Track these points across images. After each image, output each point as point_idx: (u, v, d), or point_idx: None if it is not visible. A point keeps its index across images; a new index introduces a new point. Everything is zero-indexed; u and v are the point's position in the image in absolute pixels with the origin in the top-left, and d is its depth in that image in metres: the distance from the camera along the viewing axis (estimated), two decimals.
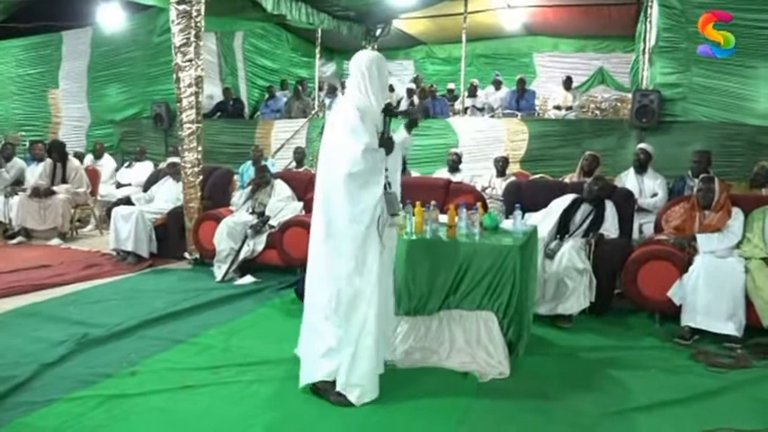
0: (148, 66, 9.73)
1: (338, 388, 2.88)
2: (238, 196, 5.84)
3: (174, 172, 6.26)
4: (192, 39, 5.59)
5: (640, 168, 5.85)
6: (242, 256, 5.28)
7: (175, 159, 6.33)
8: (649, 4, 7.32)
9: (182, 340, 3.70)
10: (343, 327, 2.87)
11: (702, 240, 4.07)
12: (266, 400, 2.92)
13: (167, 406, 2.83)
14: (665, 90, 6.92)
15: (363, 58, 2.99)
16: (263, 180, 5.77)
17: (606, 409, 2.85)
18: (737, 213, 4.14)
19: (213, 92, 10.51)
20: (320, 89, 11.08)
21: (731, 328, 3.70)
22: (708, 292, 3.76)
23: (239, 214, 5.59)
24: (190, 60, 5.62)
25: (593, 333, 3.98)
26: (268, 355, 3.46)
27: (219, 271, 5.27)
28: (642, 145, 6.16)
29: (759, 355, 3.55)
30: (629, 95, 8.05)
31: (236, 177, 7.14)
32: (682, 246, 4.15)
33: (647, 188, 5.77)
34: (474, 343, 3.37)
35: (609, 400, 2.93)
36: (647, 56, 7.49)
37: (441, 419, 2.74)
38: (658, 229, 4.67)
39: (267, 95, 11.12)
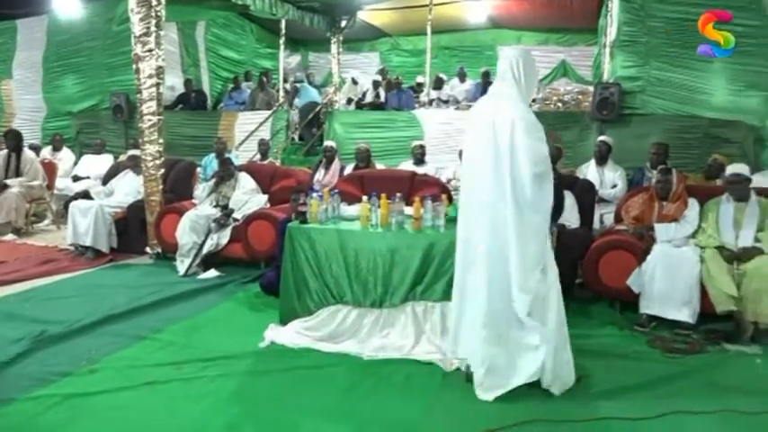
0: (107, 56, 9.47)
1: (544, 385, 2.87)
2: (201, 189, 5.75)
3: (135, 165, 6.13)
4: (153, 28, 5.47)
5: (601, 160, 5.98)
6: (205, 249, 5.21)
7: (136, 152, 6.19)
8: None
9: (144, 336, 3.64)
10: (539, 327, 2.84)
11: (660, 230, 4.18)
12: (230, 394, 2.89)
13: (128, 403, 2.78)
14: (625, 83, 7.05)
15: (518, 54, 2.94)
16: (226, 173, 5.70)
17: (569, 395, 2.90)
18: (693, 204, 4.26)
19: (174, 83, 10.33)
20: (285, 80, 10.97)
21: (686, 314, 3.81)
22: (664, 281, 3.86)
23: (202, 207, 5.51)
24: (150, 50, 5.50)
25: None
26: (232, 349, 3.43)
27: (182, 265, 5.18)
28: (603, 137, 6.30)
29: (712, 341, 3.67)
30: (591, 88, 8.18)
31: (198, 170, 7.03)
32: (640, 235, 4.25)
33: (608, 179, 5.90)
34: (439, 334, 3.40)
35: (572, 386, 2.98)
36: (608, 49, 7.63)
37: (407, 409, 2.76)
38: (618, 219, 4.78)
39: (232, 86, 10.97)
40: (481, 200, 2.89)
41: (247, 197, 5.54)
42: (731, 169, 4.23)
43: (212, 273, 5.15)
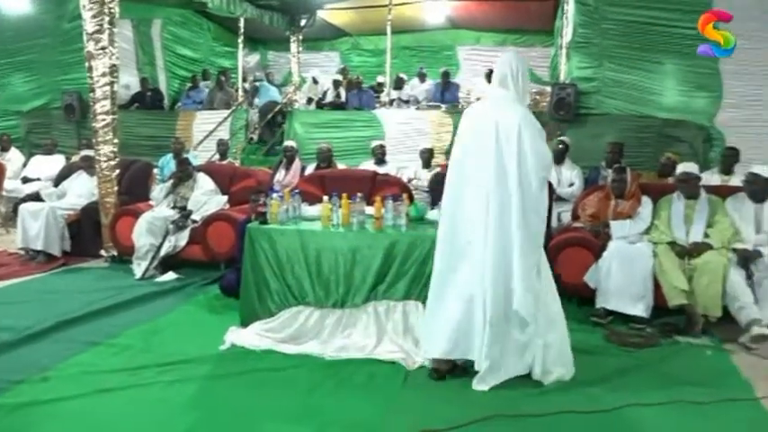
0: (58, 53, 9.15)
1: (535, 377, 3.00)
2: (159, 190, 5.63)
3: (88, 165, 5.96)
4: (106, 25, 5.34)
5: (558, 159, 6.09)
6: (163, 252, 5.10)
7: (89, 152, 6.03)
8: (566, 0, 7.59)
9: (98, 342, 3.53)
10: (533, 324, 2.96)
11: (615, 227, 4.28)
12: (189, 400, 2.83)
13: (82, 411, 2.69)
14: (580, 84, 7.20)
15: (515, 58, 3.05)
16: (184, 173, 5.59)
17: (529, 390, 2.95)
18: (647, 201, 4.38)
19: (129, 82, 10.08)
20: (244, 80, 10.83)
21: (641, 309, 3.92)
22: (620, 276, 3.96)
23: (160, 209, 5.40)
24: (103, 48, 5.36)
25: None
26: (191, 353, 3.36)
27: (139, 268, 5.06)
28: (560, 137, 6.42)
29: (666, 334, 3.79)
30: (548, 89, 8.33)
31: (155, 171, 6.88)
32: (596, 232, 4.35)
33: (565, 178, 6.02)
34: (401, 333, 3.42)
35: (531, 382, 3.03)
36: (564, 50, 7.78)
37: (370, 409, 2.75)
38: (575, 216, 4.88)
39: (190, 85, 10.77)
40: (476, 202, 2.95)
41: (206, 198, 5.45)
42: (681, 168, 4.37)
43: (170, 275, 5.05)
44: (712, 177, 5.49)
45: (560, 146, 6.13)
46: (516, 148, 2.88)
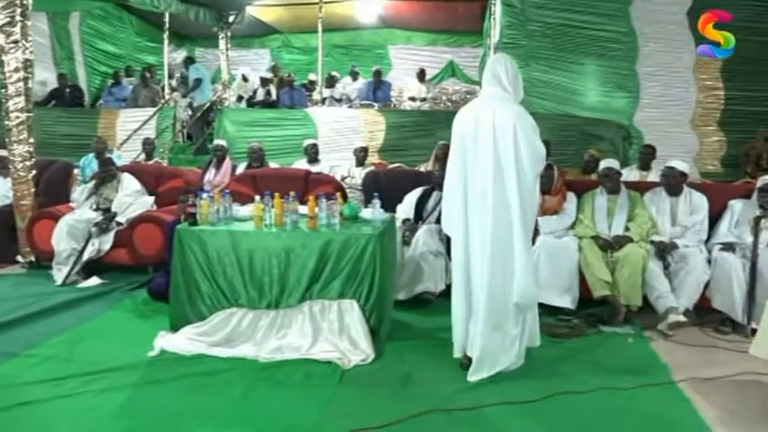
0: None
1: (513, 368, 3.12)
2: (79, 192, 5.37)
3: (1, 166, 5.63)
4: (18, 18, 5.06)
5: None
6: (86, 256, 4.87)
7: (2, 152, 5.68)
8: (493, 2, 7.78)
9: (16, 353, 3.33)
10: (521, 314, 3.09)
11: (543, 223, 4.42)
12: (118, 409, 2.72)
13: (2, 426, 2.54)
14: None
15: (506, 59, 3.17)
16: (107, 174, 5.36)
17: (463, 384, 3.01)
18: (571, 197, 4.55)
19: (46, 78, 9.59)
20: (170, 77, 10.50)
21: (567, 301, 4.08)
22: (548, 270, 4.10)
23: (81, 211, 5.15)
24: (15, 42, 5.07)
25: (449, 315, 4.16)
26: (119, 360, 3.23)
27: (60, 274, 4.81)
28: None
29: (591, 324, 3.95)
30: (478, 88, 8.52)
31: (76, 171, 6.57)
32: None
33: None
34: (337, 332, 3.40)
35: (465, 375, 3.09)
36: (492, 51, 7.97)
37: (307, 409, 2.73)
38: None
39: (112, 82, 10.33)
40: (475, 200, 3.04)
41: (131, 199, 5.25)
42: (603, 164, 4.57)
43: (94, 280, 4.83)
44: (631, 174, 5.77)
45: None
46: (513, 146, 2.97)
